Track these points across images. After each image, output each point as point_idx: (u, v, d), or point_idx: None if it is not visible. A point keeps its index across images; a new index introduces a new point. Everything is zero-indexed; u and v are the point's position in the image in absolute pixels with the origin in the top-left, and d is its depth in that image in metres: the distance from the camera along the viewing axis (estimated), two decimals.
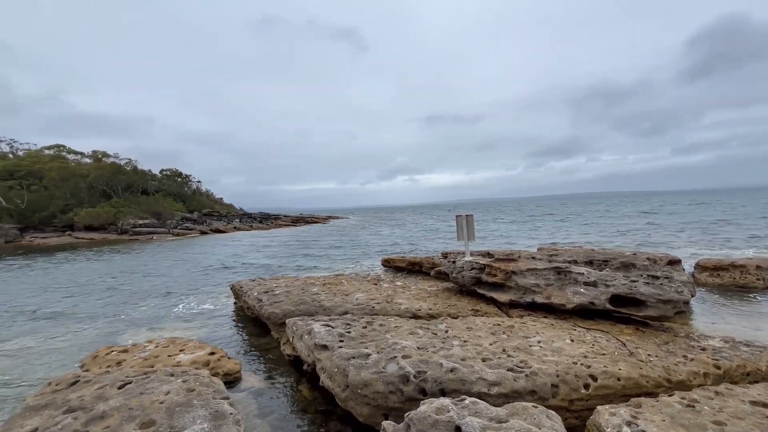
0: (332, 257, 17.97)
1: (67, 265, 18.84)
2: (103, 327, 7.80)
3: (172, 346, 5.38)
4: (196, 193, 64.39)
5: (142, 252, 24.28)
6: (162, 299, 10.10)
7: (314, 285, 7.89)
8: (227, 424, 2.85)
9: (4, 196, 43.91)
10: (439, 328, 4.80)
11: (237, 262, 17.74)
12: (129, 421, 2.82)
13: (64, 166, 51.04)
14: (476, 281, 6.81)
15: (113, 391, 3.31)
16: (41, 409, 3.09)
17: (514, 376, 3.33)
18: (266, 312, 6.21)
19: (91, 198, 46.95)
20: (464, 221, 7.55)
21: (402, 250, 19.44)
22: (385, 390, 3.22)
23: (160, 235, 38.95)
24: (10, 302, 10.44)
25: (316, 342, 4.20)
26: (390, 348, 3.85)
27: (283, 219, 59.42)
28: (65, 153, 59.76)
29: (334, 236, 31.55)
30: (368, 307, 6.08)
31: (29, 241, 35.66)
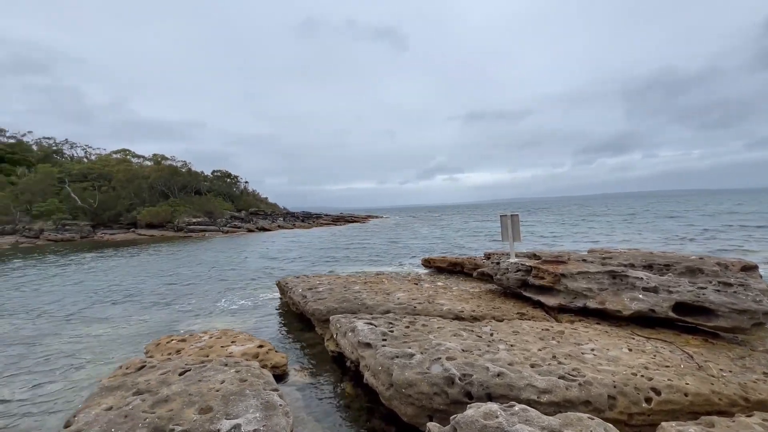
0: (372, 256, 18.14)
1: (131, 259, 20.59)
2: (163, 317, 8.43)
3: (225, 337, 5.70)
4: (244, 193, 67.72)
5: (195, 248, 25.96)
6: (214, 293, 10.74)
7: (356, 283, 8.00)
8: (277, 414, 2.97)
9: (80, 196, 48.83)
10: (483, 330, 4.68)
11: (282, 259, 18.44)
12: (189, 406, 3.02)
13: (129, 168, 55.77)
14: (522, 284, 6.56)
15: (175, 377, 3.56)
16: (114, 390, 3.40)
17: (566, 385, 3.17)
18: (310, 308, 6.40)
19: (151, 198, 50.92)
20: (509, 221, 7.30)
21: (441, 250, 19.21)
22: (430, 391, 3.20)
23: (212, 232, 41.46)
24: (85, 293, 11.60)
25: (359, 340, 4.25)
26: (434, 349, 3.81)
27: (324, 218, 60.90)
28: (130, 156, 65.35)
29: (374, 235, 31.84)
30: (410, 306, 6.06)
31: (100, 237, 39.41)
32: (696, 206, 54.96)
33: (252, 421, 2.83)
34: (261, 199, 71.61)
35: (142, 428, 2.73)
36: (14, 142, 67.75)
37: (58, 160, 65.19)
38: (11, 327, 8.01)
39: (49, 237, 38.05)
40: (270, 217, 56.56)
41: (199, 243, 30.50)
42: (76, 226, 41.96)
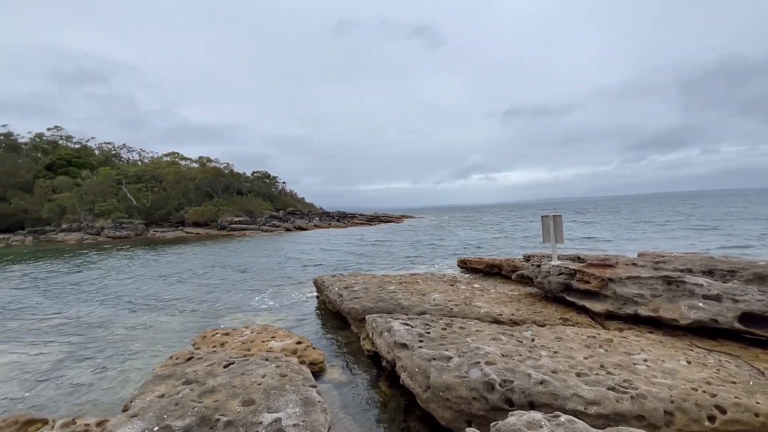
0: (406, 256, 18.09)
1: (179, 256, 21.92)
2: (207, 311, 8.89)
3: (265, 333, 5.90)
4: (282, 193, 70.03)
5: (237, 246, 27.17)
6: (254, 289, 11.17)
7: (391, 283, 8.00)
8: (316, 411, 3.02)
9: (135, 196, 52.69)
10: (524, 335, 4.51)
11: (318, 257, 18.86)
12: (233, 398, 3.15)
13: (177, 170, 59.45)
14: (565, 287, 6.26)
15: (220, 369, 3.73)
16: (166, 379, 3.61)
17: (616, 397, 2.98)
18: (346, 307, 6.48)
19: (197, 198, 53.94)
20: (551, 222, 6.99)
21: (477, 251, 18.80)
22: (469, 396, 3.12)
23: (252, 231, 43.23)
24: (138, 286, 12.48)
25: (395, 340, 4.24)
26: (472, 352, 3.71)
27: (359, 218, 61.59)
28: (179, 159, 69.64)
29: (409, 235, 31.76)
30: (446, 308, 5.97)
31: (152, 235, 42.31)
32: (763, 206, 49.92)
33: (292, 416, 2.90)
34: (298, 199, 73.68)
35: (191, 416, 2.88)
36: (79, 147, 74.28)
37: (116, 163, 70.80)
38: (77, 315, 8.78)
39: (108, 234, 41.37)
40: (306, 216, 58.05)
41: (240, 241, 31.90)
42: (131, 225, 45.31)
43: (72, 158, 63.28)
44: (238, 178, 60.93)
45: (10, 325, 8.17)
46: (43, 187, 53.56)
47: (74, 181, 54.59)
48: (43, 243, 38.95)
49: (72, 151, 68.67)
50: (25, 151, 67.67)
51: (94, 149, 76.77)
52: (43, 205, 50.66)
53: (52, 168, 59.58)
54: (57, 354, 6.32)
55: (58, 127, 75.27)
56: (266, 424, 2.80)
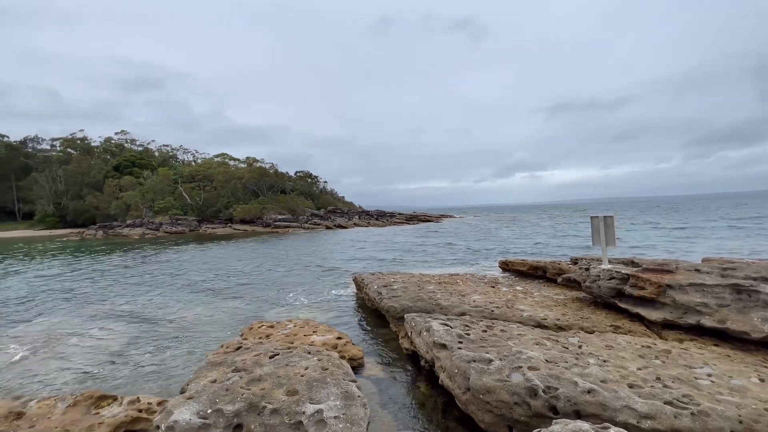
0: (445, 256, 17.88)
1: (229, 251, 23.22)
2: (253, 303, 9.35)
3: (307, 327, 6.11)
4: (323, 192, 71.82)
5: (281, 243, 28.28)
6: (297, 284, 11.59)
7: (429, 283, 7.96)
8: (356, 405, 3.09)
9: (189, 195, 56.51)
10: (570, 341, 4.31)
11: (357, 255, 19.16)
12: (278, 387, 3.30)
13: (227, 170, 62.92)
14: (616, 293, 5.89)
15: (266, 360, 3.92)
16: (217, 366, 3.86)
17: (674, 412, 2.77)
18: (385, 305, 6.54)
19: (244, 196, 56.77)
20: (602, 223, 6.60)
21: (520, 252, 18.15)
22: (510, 400, 3.04)
23: (295, 228, 44.79)
24: (193, 277, 13.39)
25: (434, 340, 4.22)
26: (514, 356, 3.61)
27: (398, 217, 61.69)
28: (228, 160, 73.68)
29: (447, 235, 31.35)
30: (486, 310, 5.84)
31: (204, 231, 45.15)
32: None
33: (333, 408, 2.99)
34: (338, 198, 75.17)
35: (240, 402, 3.06)
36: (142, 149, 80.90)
37: (173, 164, 76.32)
38: (141, 303, 9.60)
39: (166, 230, 44.72)
40: (346, 215, 59.10)
41: (283, 238, 33.18)
42: (186, 221, 48.65)
43: (135, 159, 69.10)
44: (281, 178, 63.33)
45: (86, 310, 9.10)
46: (112, 186, 59.01)
47: (137, 181, 59.60)
48: (111, 237, 42.90)
49: (136, 153, 75.01)
50: (96, 154, 74.90)
51: (154, 151, 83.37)
52: (111, 202, 55.85)
53: (119, 169, 65.45)
54: (123, 337, 6.97)
55: (124, 131, 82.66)
56: (309, 414, 2.91)
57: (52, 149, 76.67)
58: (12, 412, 3.76)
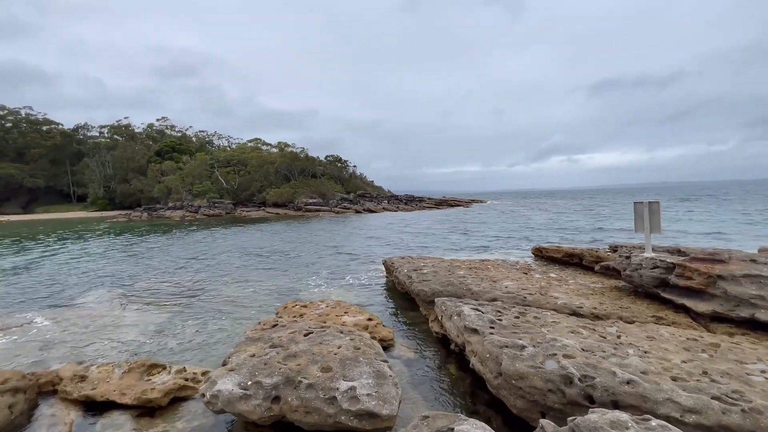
0: (476, 242, 17.64)
1: (263, 233, 24.05)
2: (287, 283, 9.70)
3: (338, 308, 6.27)
4: (352, 176, 72.31)
5: (311, 226, 28.93)
6: (328, 266, 11.87)
7: (460, 268, 7.90)
8: (388, 384, 3.16)
9: (224, 179, 58.64)
10: (608, 331, 4.17)
11: (387, 239, 19.29)
12: (313, 364, 3.43)
13: (260, 155, 64.56)
14: (660, 283, 5.60)
15: (300, 337, 4.07)
16: (256, 341, 4.06)
17: (722, 408, 2.63)
18: (415, 289, 6.57)
19: (276, 180, 58.20)
20: (646, 209, 6.23)
21: (553, 239, 17.57)
22: (544, 387, 3.00)
23: (325, 212, 45.61)
24: (231, 257, 14.03)
25: (466, 324, 4.22)
26: (548, 344, 3.55)
27: (427, 201, 61.24)
28: (260, 145, 75.53)
29: (478, 220, 30.82)
30: (519, 296, 5.74)
31: (239, 214, 46.93)
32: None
33: (366, 386, 3.08)
34: (367, 183, 75.47)
35: (277, 376, 3.21)
36: (180, 135, 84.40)
37: (209, 149, 79.20)
38: (185, 280, 10.20)
39: (204, 212, 46.85)
40: (375, 199, 59.35)
41: (314, 221, 33.89)
42: (222, 204, 50.69)
43: (175, 145, 72.31)
44: (312, 162, 64.24)
45: (134, 286, 9.80)
46: (154, 170, 62.26)
47: (177, 165, 62.48)
48: (155, 218, 45.55)
49: (175, 138, 78.47)
50: (140, 140, 79.03)
51: (192, 137, 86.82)
52: (154, 186, 59.04)
53: (161, 154, 68.80)
54: (168, 312, 7.46)
55: (164, 117, 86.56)
56: (342, 390, 3.01)
57: (100, 136, 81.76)
58: (76, 375, 4.15)
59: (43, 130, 76.52)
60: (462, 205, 59.32)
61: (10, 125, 74.35)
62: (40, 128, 76.46)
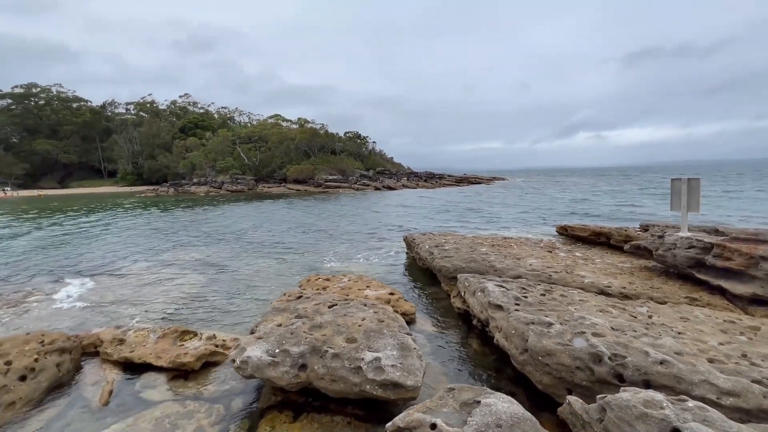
0: (498, 219, 17.35)
1: (285, 208, 24.42)
2: (309, 257, 9.87)
3: (360, 281, 6.34)
4: (372, 153, 71.83)
5: (332, 202, 29.14)
6: (348, 241, 11.98)
7: (482, 245, 7.80)
8: (412, 356, 3.19)
9: (246, 155, 59.39)
10: (638, 311, 4.04)
11: (406, 215, 19.24)
12: (338, 334, 3.49)
13: (280, 131, 64.78)
14: (695, 263, 5.35)
15: (325, 309, 4.14)
16: (282, 311, 4.16)
17: (763, 391, 2.52)
18: (437, 265, 6.54)
19: (296, 156, 58.52)
20: (684, 186, 5.89)
21: (580, 217, 17.07)
22: (572, 365, 2.96)
23: (344, 188, 45.76)
24: (255, 231, 14.36)
25: (490, 300, 4.17)
26: (576, 321, 3.47)
27: (447, 179, 60.42)
28: (281, 121, 75.63)
29: (500, 197, 30.24)
30: (544, 274, 5.62)
31: (261, 190, 47.74)
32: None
33: (390, 357, 3.11)
34: (387, 159, 74.89)
35: (304, 345, 3.29)
36: (203, 111, 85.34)
37: (231, 126, 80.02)
38: (213, 253, 10.54)
39: (227, 188, 47.86)
40: (395, 176, 58.98)
41: (334, 198, 34.11)
42: (244, 180, 51.60)
43: (198, 121, 73.37)
44: (332, 139, 64.05)
45: (166, 257, 10.20)
46: (179, 146, 63.62)
47: (200, 142, 63.59)
48: (181, 193, 46.92)
49: (198, 115, 79.49)
50: (164, 116, 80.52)
51: (214, 113, 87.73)
52: (179, 162, 60.50)
53: (184, 130, 70.08)
54: (197, 283, 7.74)
55: (187, 94, 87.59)
56: (368, 361, 3.06)
57: (127, 113, 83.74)
58: (115, 338, 4.39)
59: (74, 107, 78.95)
60: (483, 182, 58.28)
61: (43, 102, 77.04)
62: (70, 105, 78.94)
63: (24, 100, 75.53)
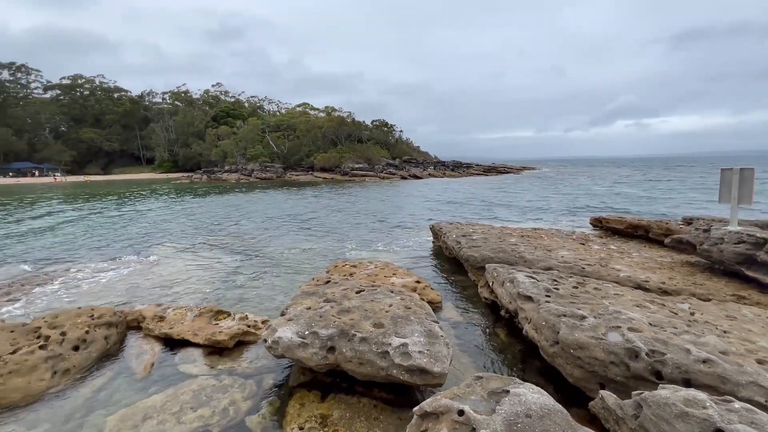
0: (527, 209, 16.90)
1: (313, 196, 24.82)
2: (336, 244, 10.02)
3: (387, 269, 6.37)
4: (398, 141, 71.33)
5: (359, 190, 29.32)
6: (375, 230, 12.05)
7: (511, 236, 7.63)
8: (439, 343, 3.19)
9: (275, 143, 60.52)
10: (679, 307, 3.84)
11: (433, 205, 19.08)
12: (365, 319, 3.54)
13: (308, 120, 65.44)
14: (745, 259, 5.00)
15: (353, 294, 4.20)
16: (310, 295, 4.26)
17: None
18: (465, 254, 6.47)
19: (324, 145, 59.05)
20: (736, 177, 5.49)
21: (613, 209, 16.33)
22: (606, 359, 2.86)
23: (371, 177, 45.88)
24: (284, 217, 14.71)
25: (519, 291, 4.09)
26: (611, 315, 3.35)
27: (475, 168, 59.26)
28: (308, 109, 76.34)
29: (530, 187, 29.38)
30: (577, 267, 5.44)
31: (289, 177, 48.67)
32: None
33: (417, 343, 3.13)
34: (413, 148, 74.19)
35: (332, 328, 3.36)
36: (234, 101, 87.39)
37: (260, 114, 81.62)
38: (244, 237, 10.91)
39: (257, 175, 49.13)
40: (421, 165, 58.45)
41: (360, 186, 34.29)
42: (273, 168, 52.73)
43: (229, 110, 75.32)
44: (358, 127, 64.07)
45: (201, 241, 10.66)
46: (211, 135, 65.66)
47: (231, 130, 65.34)
48: (213, 180, 48.64)
49: (229, 104, 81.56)
50: (197, 105, 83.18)
51: (244, 102, 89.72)
52: (212, 149, 62.52)
53: (216, 119, 72.17)
54: (232, 264, 8.06)
55: (219, 83, 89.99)
56: (395, 346, 3.09)
57: (163, 102, 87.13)
58: (156, 315, 4.65)
59: (115, 97, 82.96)
60: (512, 172, 56.77)
61: (87, 93, 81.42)
62: (112, 95, 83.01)
63: (71, 91, 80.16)
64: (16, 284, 6.75)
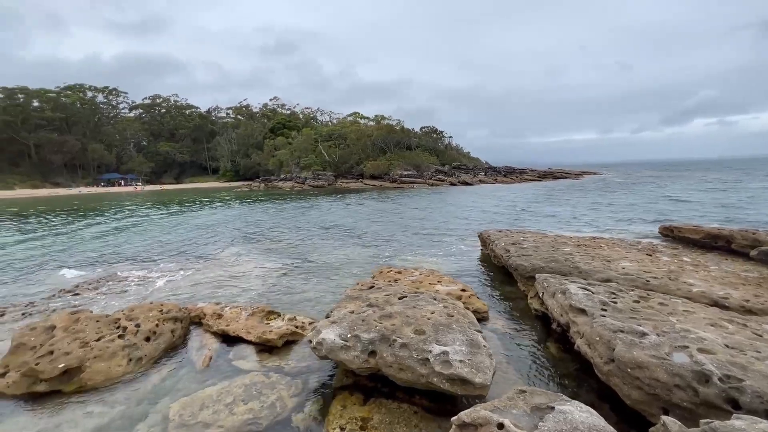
0: (586, 218, 15.81)
1: (362, 203, 25.35)
2: (382, 249, 10.12)
3: (432, 276, 6.32)
4: (448, 147, 70.52)
5: (407, 197, 29.40)
6: (422, 236, 12.00)
7: (566, 244, 7.20)
8: (481, 353, 3.10)
9: (327, 152, 62.79)
10: (765, 328, 3.37)
11: (482, 212, 18.57)
12: (407, 325, 3.55)
13: (358, 129, 67.10)
14: None
15: (395, 300, 4.23)
16: (354, 299, 4.36)
17: None
18: (514, 263, 6.22)
19: (373, 152, 60.07)
20: None
21: (687, 217, 14.70)
22: (669, 381, 2.60)
23: (419, 184, 45.78)
24: (335, 223, 15.19)
25: (572, 303, 3.85)
26: (677, 334, 3.03)
27: (529, 173, 56.69)
28: (359, 118, 78.37)
29: (590, 194, 27.45)
30: (640, 279, 4.99)
31: (340, 185, 50.16)
32: None
33: (458, 352, 3.07)
34: (463, 154, 72.92)
35: (374, 332, 3.41)
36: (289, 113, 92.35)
37: (313, 125, 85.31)
38: (296, 242, 11.45)
39: (310, 183, 51.25)
40: (472, 171, 57.17)
41: (408, 193, 34.36)
42: (325, 176, 54.66)
43: (285, 122, 79.69)
44: (407, 134, 64.40)
45: (257, 245, 11.35)
46: (269, 146, 69.83)
47: (287, 141, 69.00)
48: (270, 188, 51.56)
49: (285, 116, 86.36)
50: (257, 118, 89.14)
51: (299, 113, 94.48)
52: (269, 159, 66.43)
53: (273, 130, 76.67)
54: (283, 267, 8.49)
55: (276, 97, 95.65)
56: (435, 353, 3.06)
57: (227, 116, 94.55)
58: (215, 313, 5.03)
59: (186, 113, 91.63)
60: (571, 177, 53.49)
61: (164, 111, 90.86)
62: (184, 112, 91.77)
63: (150, 110, 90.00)
64: (102, 280, 7.69)
